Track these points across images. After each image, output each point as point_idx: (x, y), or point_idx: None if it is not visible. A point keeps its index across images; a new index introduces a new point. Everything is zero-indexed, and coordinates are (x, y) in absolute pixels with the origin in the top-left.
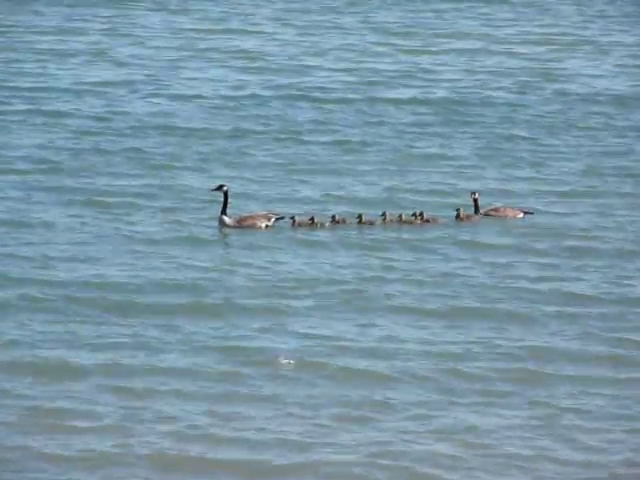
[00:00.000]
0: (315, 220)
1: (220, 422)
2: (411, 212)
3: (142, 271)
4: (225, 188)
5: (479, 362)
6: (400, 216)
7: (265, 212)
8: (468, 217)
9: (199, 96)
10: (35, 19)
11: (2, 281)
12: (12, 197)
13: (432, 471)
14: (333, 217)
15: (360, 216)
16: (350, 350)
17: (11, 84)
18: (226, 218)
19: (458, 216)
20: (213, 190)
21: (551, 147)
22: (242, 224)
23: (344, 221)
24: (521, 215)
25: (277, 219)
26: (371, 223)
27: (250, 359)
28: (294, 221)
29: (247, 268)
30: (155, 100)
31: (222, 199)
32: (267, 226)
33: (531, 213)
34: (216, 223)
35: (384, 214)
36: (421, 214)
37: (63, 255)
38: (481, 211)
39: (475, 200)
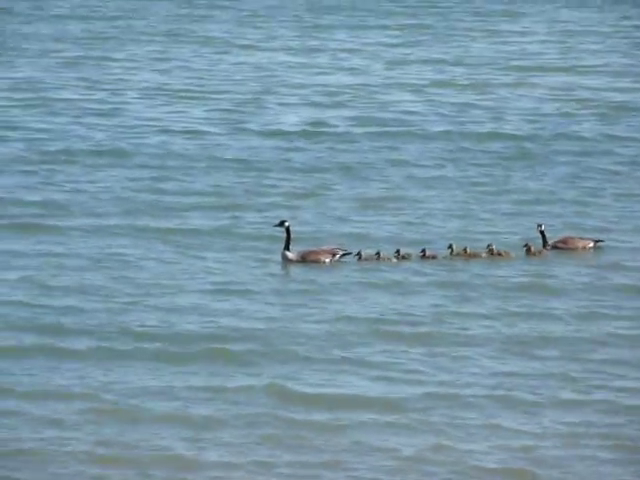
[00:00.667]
0: (381, 255)
1: None
2: (485, 246)
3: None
4: (287, 224)
5: None
6: (465, 249)
7: (331, 247)
8: (540, 252)
9: (279, 131)
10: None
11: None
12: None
13: None
14: (397, 252)
15: (423, 251)
16: None
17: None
18: (289, 253)
19: (529, 250)
20: (275, 226)
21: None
22: (306, 259)
23: (409, 256)
24: (591, 245)
25: (343, 254)
26: (434, 257)
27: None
28: (360, 256)
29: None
30: (237, 136)
31: (285, 235)
32: (331, 261)
33: (601, 241)
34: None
35: (451, 246)
36: (490, 248)
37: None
38: (549, 242)
39: (542, 232)
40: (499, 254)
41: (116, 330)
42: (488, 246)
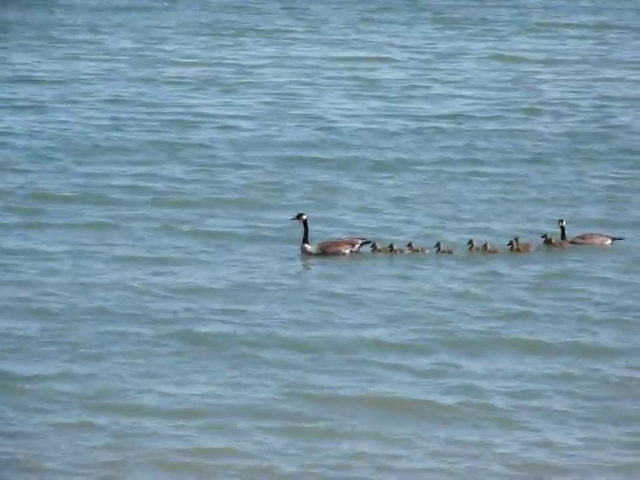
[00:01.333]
0: (394, 247)
1: None
2: (507, 241)
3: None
4: (304, 217)
5: None
6: (485, 245)
7: (349, 237)
8: (560, 244)
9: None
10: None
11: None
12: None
13: None
14: (409, 245)
15: (438, 244)
16: None
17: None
18: (308, 246)
19: (548, 241)
20: (292, 219)
21: None
22: (325, 251)
23: (422, 250)
24: (609, 242)
25: (362, 244)
26: (450, 252)
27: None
28: (375, 247)
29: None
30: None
31: (302, 228)
32: (351, 252)
33: (620, 239)
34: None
35: (471, 242)
36: (511, 242)
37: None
38: (568, 239)
39: (562, 227)
40: (517, 250)
41: (144, 326)
42: (512, 241)
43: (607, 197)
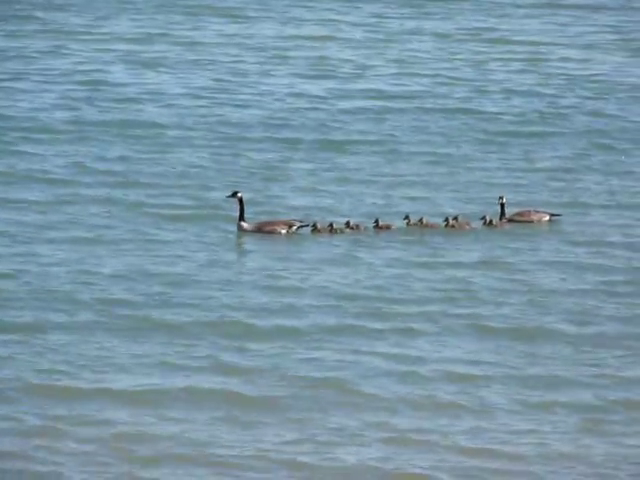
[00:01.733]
0: (334, 226)
1: None
2: (443, 218)
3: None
4: (240, 195)
5: None
6: (421, 220)
7: (288, 218)
8: (500, 223)
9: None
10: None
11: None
12: None
13: None
14: (347, 223)
15: (377, 221)
16: None
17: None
18: (244, 224)
19: (489, 222)
20: (228, 197)
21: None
22: (261, 230)
23: (359, 227)
24: (547, 218)
25: (300, 226)
26: (388, 227)
27: None
28: (315, 227)
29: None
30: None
31: (238, 206)
32: (288, 232)
33: (559, 215)
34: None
35: (407, 217)
36: (446, 219)
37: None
38: (506, 216)
39: (502, 205)
40: (452, 226)
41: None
42: (447, 218)
43: (554, 177)
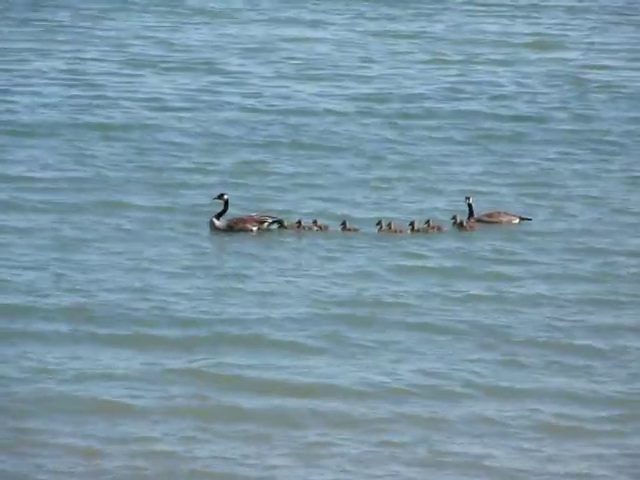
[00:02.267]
0: (302, 224)
1: None
2: (424, 220)
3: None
4: (226, 197)
5: None
6: (389, 224)
7: (260, 215)
8: (470, 225)
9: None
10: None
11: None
12: None
13: None
14: (315, 222)
15: (344, 222)
16: None
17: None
18: (216, 221)
19: (456, 223)
20: (214, 199)
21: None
22: (233, 227)
23: (326, 227)
24: (517, 221)
25: (272, 222)
26: (355, 230)
27: None
28: (282, 224)
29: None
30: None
31: (222, 207)
32: (259, 229)
33: (529, 219)
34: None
35: (380, 223)
36: (411, 223)
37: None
38: (475, 216)
39: (469, 205)
40: (418, 230)
41: (48, 309)
42: (412, 222)
43: (530, 181)
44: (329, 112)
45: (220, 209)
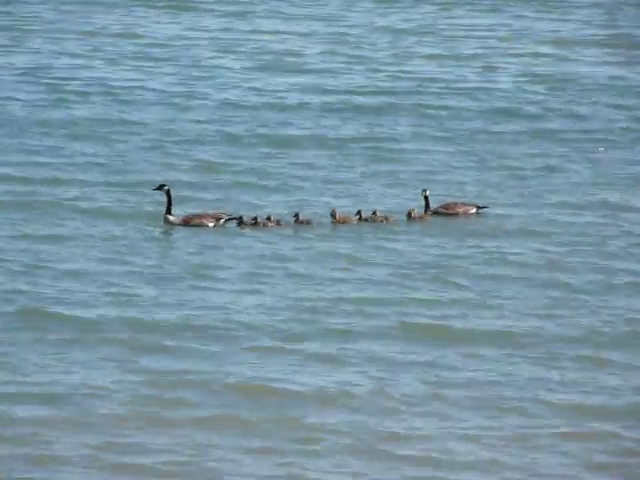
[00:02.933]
0: (258, 220)
1: None
2: (371, 211)
3: None
4: (166, 187)
5: None
6: (333, 213)
7: (216, 212)
8: (421, 217)
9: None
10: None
11: None
12: None
13: None
14: (268, 217)
15: (297, 215)
16: None
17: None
18: (171, 217)
19: (409, 215)
20: (154, 189)
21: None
22: (189, 223)
23: (279, 222)
24: (474, 211)
25: (228, 219)
26: (308, 222)
27: None
28: (240, 221)
29: None
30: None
31: (165, 199)
32: (215, 225)
33: (485, 207)
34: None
35: (333, 212)
36: (358, 212)
37: None
38: (431, 208)
39: (426, 197)
40: (365, 220)
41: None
42: (359, 211)
43: (511, 175)
44: (297, 107)
45: (165, 202)
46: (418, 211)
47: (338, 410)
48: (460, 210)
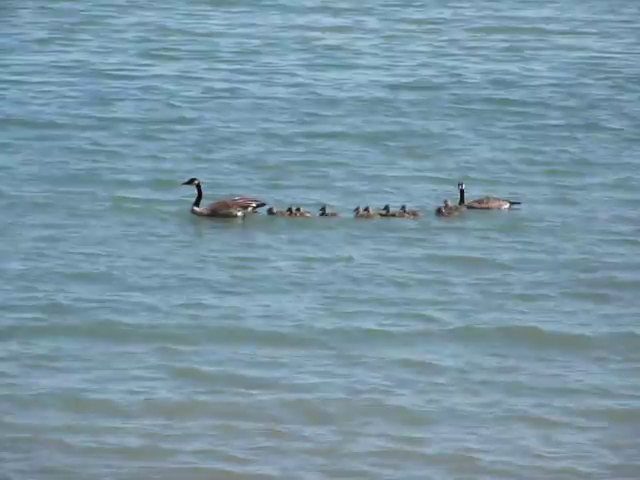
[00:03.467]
0: (293, 210)
1: None
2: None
3: None
4: (197, 181)
5: None
6: (367, 209)
7: (243, 198)
8: (450, 212)
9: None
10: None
11: None
12: None
13: None
14: (289, 209)
15: (323, 208)
16: None
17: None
18: (197, 208)
19: (439, 210)
20: (184, 184)
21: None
22: (216, 213)
23: (301, 213)
24: (507, 206)
25: (257, 206)
26: (333, 215)
27: None
28: (271, 211)
29: None
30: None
31: (195, 192)
32: (244, 215)
33: (518, 203)
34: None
35: (357, 208)
36: (357, 208)
37: None
38: (465, 202)
39: (462, 191)
40: (393, 215)
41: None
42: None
43: (519, 167)
44: (341, 101)
45: (195, 196)
46: (452, 201)
47: None
48: (494, 205)
